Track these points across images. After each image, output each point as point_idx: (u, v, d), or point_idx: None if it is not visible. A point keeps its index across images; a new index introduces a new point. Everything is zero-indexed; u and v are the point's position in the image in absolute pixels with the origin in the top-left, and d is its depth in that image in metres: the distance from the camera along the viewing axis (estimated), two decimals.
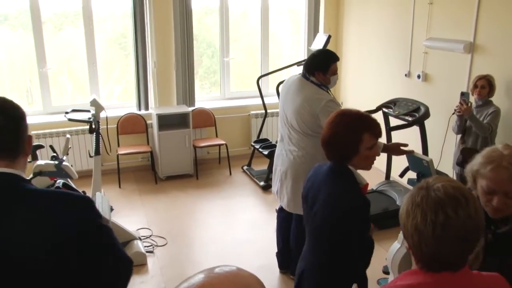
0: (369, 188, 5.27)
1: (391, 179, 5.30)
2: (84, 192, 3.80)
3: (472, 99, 4.16)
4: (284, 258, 4.01)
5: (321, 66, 3.40)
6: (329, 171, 2.28)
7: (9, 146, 1.50)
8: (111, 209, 4.53)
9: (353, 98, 6.73)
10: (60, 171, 3.91)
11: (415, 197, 1.36)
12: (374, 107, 5.08)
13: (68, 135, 4.32)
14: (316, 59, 3.46)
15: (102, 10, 6.20)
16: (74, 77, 6.39)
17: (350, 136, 2.21)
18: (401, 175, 4.75)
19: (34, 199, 1.46)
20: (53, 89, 6.16)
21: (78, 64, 6.22)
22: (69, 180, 4.00)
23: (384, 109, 4.99)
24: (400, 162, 4.92)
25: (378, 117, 5.17)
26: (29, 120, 4.91)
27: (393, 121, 4.98)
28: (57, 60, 6.17)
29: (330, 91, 3.53)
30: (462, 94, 4.08)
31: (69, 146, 4.25)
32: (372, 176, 5.89)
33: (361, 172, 2.34)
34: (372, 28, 6.09)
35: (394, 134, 5.08)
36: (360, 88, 6.50)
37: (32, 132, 5.58)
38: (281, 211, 3.89)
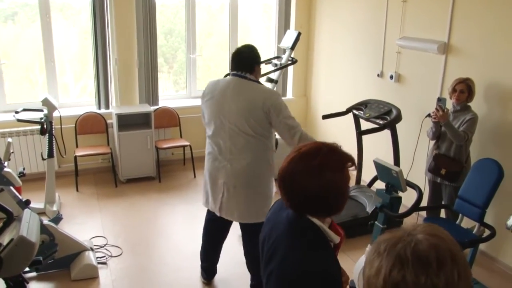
0: None
1: (361, 183, 5.08)
2: (27, 200, 3.51)
3: (450, 103, 3.96)
4: (210, 267, 3.84)
5: (256, 61, 3.29)
6: (288, 221, 1.68)
7: None
8: (60, 218, 4.22)
9: (323, 98, 6.51)
10: (0, 178, 3.60)
11: (381, 245, 1.06)
12: (344, 109, 4.87)
13: (9, 139, 4.01)
14: (253, 54, 3.29)
15: (75, 1, 5.84)
16: (42, 72, 6.02)
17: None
18: (370, 185, 4.57)
19: None
20: (17, 85, 5.79)
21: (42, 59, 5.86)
22: (11, 188, 3.68)
23: (354, 111, 4.78)
24: (371, 167, 4.73)
25: (349, 119, 5.01)
26: None
27: (364, 124, 4.78)
28: (26, 54, 5.81)
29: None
30: (439, 99, 3.87)
31: (11, 151, 3.93)
32: None
33: None
34: (344, 25, 5.86)
35: (364, 138, 4.88)
36: (331, 87, 6.29)
37: None
38: (212, 222, 3.65)
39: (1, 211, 2.36)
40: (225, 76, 3.56)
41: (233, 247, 4.30)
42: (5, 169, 3.67)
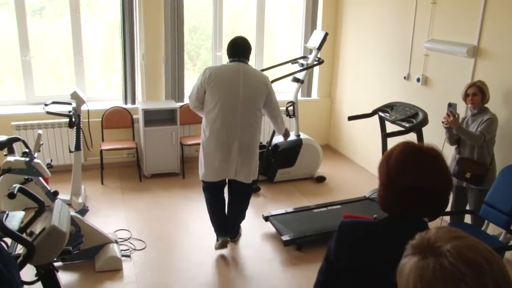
0: (362, 194, 5.10)
1: None
2: (56, 191, 3.58)
3: (464, 108, 3.95)
4: (226, 224, 4.25)
5: (251, 49, 3.99)
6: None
7: None
8: (86, 210, 4.28)
9: (348, 100, 6.48)
10: (30, 168, 3.68)
11: (423, 270, 1.04)
12: (370, 111, 4.85)
13: (40, 131, 4.08)
14: (248, 43, 3.97)
15: None
16: (69, 66, 6.12)
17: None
18: None
19: None
20: (45, 78, 5.91)
21: (71, 53, 5.95)
22: (41, 178, 3.76)
23: (380, 113, 4.75)
24: None
25: (374, 121, 4.98)
26: (11, 110, 4.66)
27: (390, 127, 4.75)
28: (52, 48, 5.92)
29: None
30: (449, 105, 3.87)
31: (41, 143, 4.01)
32: (365, 182, 5.69)
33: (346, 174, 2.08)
34: (371, 27, 5.83)
35: (389, 140, 4.84)
36: (357, 89, 6.26)
37: (12, 123, 5.36)
38: (216, 184, 4.10)
39: (33, 200, 2.41)
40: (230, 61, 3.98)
41: (256, 244, 4.34)
42: (35, 160, 3.75)
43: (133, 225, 4.63)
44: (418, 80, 5.02)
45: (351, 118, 4.85)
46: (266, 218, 4.60)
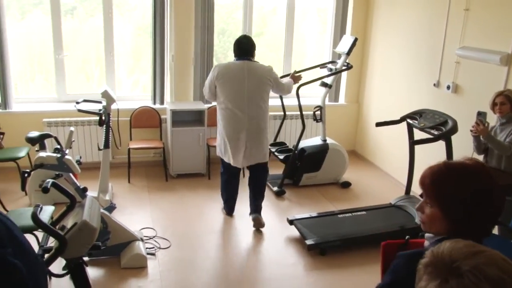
0: (387, 202, 5.06)
1: (411, 194, 5.00)
2: (85, 188, 3.64)
3: (494, 117, 3.88)
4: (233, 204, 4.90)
5: (255, 47, 4.50)
6: None
7: None
8: (113, 207, 4.35)
9: (376, 105, 6.44)
10: (61, 164, 3.76)
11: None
12: (397, 117, 4.81)
13: (71, 128, 4.15)
14: (252, 42, 4.51)
15: None
16: (98, 65, 6.25)
17: None
18: (422, 195, 4.49)
19: None
20: (75, 76, 6.03)
21: (101, 52, 6.06)
22: (71, 174, 3.83)
23: (408, 120, 4.70)
24: None
25: (402, 128, 4.94)
26: (43, 107, 4.76)
27: (418, 134, 4.70)
28: (82, 47, 6.05)
29: None
30: (479, 113, 3.83)
31: (73, 140, 4.09)
32: (391, 189, 5.64)
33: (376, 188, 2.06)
34: (401, 33, 5.79)
35: (417, 148, 4.80)
36: (384, 95, 6.22)
37: (43, 120, 5.48)
38: (233, 169, 4.65)
39: (65, 195, 2.47)
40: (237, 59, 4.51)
41: (280, 247, 4.35)
42: (66, 157, 3.82)
43: (158, 223, 4.68)
44: (448, 87, 4.96)
45: (378, 124, 4.81)
46: (291, 222, 4.59)
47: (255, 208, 4.72)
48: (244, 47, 4.46)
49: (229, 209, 4.91)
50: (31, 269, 1.33)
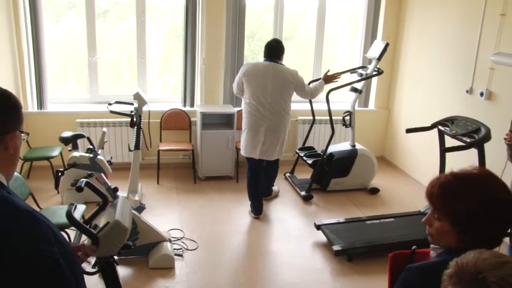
0: (416, 209, 4.99)
1: None
2: (116, 188, 3.69)
3: None
4: (260, 204, 5.04)
5: (283, 51, 4.81)
6: None
7: None
8: (143, 208, 4.41)
9: (406, 111, 6.37)
10: (94, 164, 3.83)
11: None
12: (428, 124, 4.75)
13: (104, 129, 4.23)
14: (280, 46, 4.80)
15: (163, 1, 6.14)
16: (128, 67, 6.36)
17: None
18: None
19: None
20: (106, 78, 6.15)
21: (134, 55, 6.16)
22: (103, 174, 3.90)
23: (440, 127, 4.64)
24: None
25: (432, 135, 4.88)
26: (76, 108, 4.89)
27: (449, 141, 4.63)
28: (114, 49, 6.17)
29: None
30: None
31: (105, 140, 4.16)
32: (420, 197, 5.55)
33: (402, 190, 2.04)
34: (433, 38, 5.72)
35: (448, 155, 4.72)
36: (415, 101, 6.14)
37: (76, 120, 5.59)
38: (254, 162, 4.93)
39: (98, 195, 2.52)
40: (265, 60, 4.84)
41: (307, 252, 4.34)
42: (98, 157, 3.90)
43: (186, 225, 4.72)
44: (481, 94, 4.88)
45: (409, 130, 4.76)
46: (318, 227, 4.58)
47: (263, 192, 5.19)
48: (272, 50, 4.77)
49: (254, 209, 5.01)
50: (71, 268, 1.36)
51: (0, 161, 1.39)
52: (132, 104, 4.87)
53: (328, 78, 5.11)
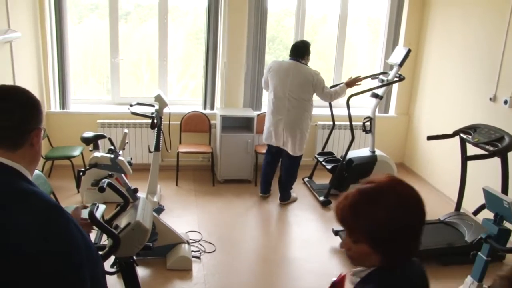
0: (436, 217, 4.93)
1: (462, 210, 4.87)
2: (136, 189, 3.72)
3: None
4: (268, 186, 5.49)
5: (307, 51, 5.05)
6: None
7: (7, 135, 1.39)
8: (162, 209, 4.44)
9: (427, 118, 6.31)
10: (114, 165, 3.86)
11: None
12: (450, 131, 4.69)
13: (126, 130, 4.27)
14: (305, 47, 5.05)
15: (184, 4, 6.19)
16: (148, 69, 6.42)
17: None
18: (475, 213, 4.37)
19: (8, 200, 1.32)
20: (126, 80, 6.22)
21: (154, 57, 6.22)
22: (123, 175, 3.94)
23: (462, 135, 4.58)
24: (474, 194, 4.52)
25: (454, 142, 4.82)
26: (98, 108, 4.95)
27: (471, 149, 4.57)
28: (134, 51, 6.23)
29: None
30: None
31: (126, 141, 4.19)
32: (440, 205, 5.50)
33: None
34: (456, 45, 5.66)
35: (469, 163, 4.66)
36: (436, 108, 6.08)
37: (97, 121, 5.65)
38: (272, 153, 5.33)
39: (119, 196, 2.54)
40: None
41: (324, 258, 4.32)
42: (119, 158, 3.93)
43: (204, 227, 4.73)
44: (505, 102, 4.80)
45: (430, 137, 4.71)
46: (336, 233, 4.56)
47: (280, 191, 5.42)
48: (297, 49, 5.03)
49: (262, 188, 5.50)
50: (93, 268, 1.38)
51: (26, 157, 1.44)
52: (153, 106, 4.91)
53: (350, 83, 5.19)
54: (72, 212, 1.90)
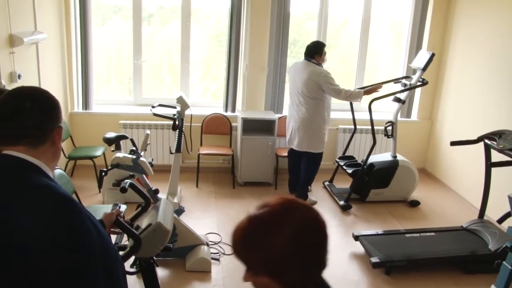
0: (459, 224, 4.86)
1: (485, 218, 4.79)
2: (156, 190, 3.74)
3: None
4: (294, 184, 5.61)
5: (318, 51, 5.12)
6: None
7: (30, 133, 1.45)
8: (182, 211, 4.45)
9: (450, 124, 6.22)
10: (136, 166, 3.88)
11: None
12: (473, 137, 4.62)
13: (148, 131, 4.30)
14: (315, 47, 5.14)
15: (206, 6, 6.22)
16: (170, 71, 6.47)
17: None
18: (500, 221, 4.29)
19: (27, 193, 1.37)
20: (147, 81, 6.27)
21: (176, 59, 6.26)
22: (144, 176, 3.96)
23: (486, 141, 4.51)
24: (498, 201, 4.45)
25: (477, 148, 4.74)
26: (120, 109, 5.01)
27: (495, 156, 4.49)
28: (156, 53, 6.29)
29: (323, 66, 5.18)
30: None
31: (148, 142, 4.22)
32: (463, 212, 5.42)
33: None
34: (481, 49, 5.57)
35: (494, 170, 4.58)
36: (460, 113, 5.99)
37: (119, 122, 5.70)
38: (292, 151, 5.47)
39: (141, 196, 2.56)
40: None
41: (344, 263, 4.28)
42: (141, 159, 3.95)
43: (224, 229, 4.73)
44: None
45: (454, 143, 4.65)
46: (356, 238, 4.52)
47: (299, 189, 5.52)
48: (308, 49, 5.16)
49: (289, 186, 5.72)
50: (110, 263, 1.40)
51: (47, 155, 1.50)
52: (174, 107, 4.93)
53: (370, 91, 5.22)
54: (105, 215, 1.93)
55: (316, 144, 5.23)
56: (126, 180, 2.53)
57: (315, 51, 5.10)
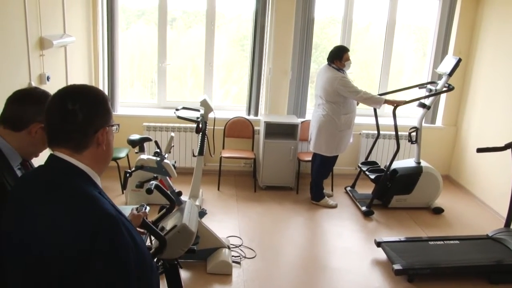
0: (484, 233, 4.78)
1: (511, 227, 4.70)
2: (179, 192, 3.77)
3: None
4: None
5: (337, 56, 5.15)
6: None
7: (72, 137, 1.41)
8: (205, 213, 4.47)
9: (476, 130, 6.13)
10: (160, 168, 3.92)
11: None
12: (500, 144, 4.55)
13: (172, 134, 4.34)
14: (335, 51, 5.18)
15: (229, 11, 6.26)
16: (193, 75, 6.51)
17: None
18: None
19: (60, 196, 1.35)
20: (170, 84, 6.33)
21: (198, 62, 6.30)
22: (168, 178, 4.00)
23: None
24: None
25: (504, 156, 4.66)
26: (144, 111, 5.07)
27: None
28: (180, 56, 6.34)
29: (345, 72, 5.21)
30: None
31: (172, 145, 4.26)
32: (488, 220, 5.34)
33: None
34: (509, 54, 5.48)
35: None
36: (486, 120, 5.91)
37: (143, 124, 5.76)
38: (314, 155, 5.52)
39: (166, 198, 2.58)
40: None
41: (365, 269, 4.26)
42: (165, 161, 4.00)
43: (245, 233, 4.74)
44: None
45: (480, 150, 4.58)
46: (378, 244, 4.48)
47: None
48: (329, 54, 5.23)
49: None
50: (146, 276, 1.40)
51: (93, 158, 1.44)
52: (198, 110, 4.97)
53: (391, 102, 5.19)
54: (133, 217, 1.93)
55: (324, 148, 5.29)
56: (152, 182, 2.56)
57: (335, 56, 5.15)
